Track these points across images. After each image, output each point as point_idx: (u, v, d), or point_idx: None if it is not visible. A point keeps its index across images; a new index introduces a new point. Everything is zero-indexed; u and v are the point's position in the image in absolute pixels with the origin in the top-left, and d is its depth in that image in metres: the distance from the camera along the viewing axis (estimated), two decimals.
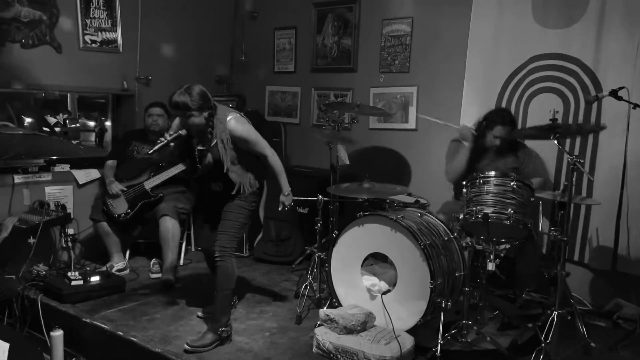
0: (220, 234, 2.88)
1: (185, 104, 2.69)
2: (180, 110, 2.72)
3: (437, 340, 2.67)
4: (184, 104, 2.69)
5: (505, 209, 2.71)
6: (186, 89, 2.71)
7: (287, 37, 4.96)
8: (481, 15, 3.82)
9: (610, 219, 3.24)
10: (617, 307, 3.26)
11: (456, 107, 3.99)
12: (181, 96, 2.68)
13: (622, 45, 3.27)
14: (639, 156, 3.18)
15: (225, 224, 2.89)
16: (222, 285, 2.85)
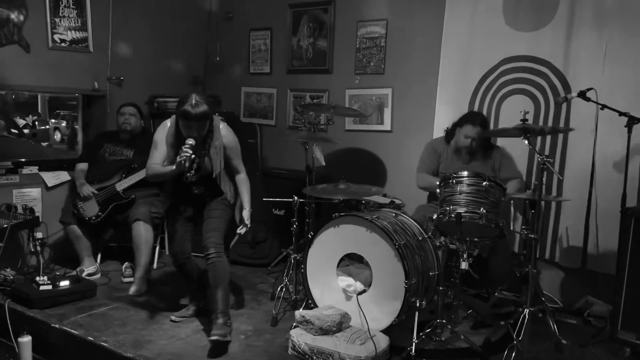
0: (211, 231, 2.92)
1: (208, 114, 2.77)
2: (203, 121, 2.76)
3: (412, 340, 2.68)
4: (207, 115, 2.77)
5: (477, 209, 2.75)
6: (199, 98, 2.73)
7: (262, 38, 4.94)
8: (454, 18, 3.87)
9: (579, 218, 3.31)
10: (587, 305, 3.32)
11: (430, 108, 4.03)
12: (202, 107, 2.72)
13: (590, 48, 3.35)
14: (607, 156, 3.25)
15: (214, 222, 2.94)
16: (223, 281, 2.90)
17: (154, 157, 2.92)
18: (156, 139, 2.94)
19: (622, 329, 2.78)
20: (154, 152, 2.93)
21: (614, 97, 3.13)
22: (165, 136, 2.91)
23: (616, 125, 3.03)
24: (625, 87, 3.22)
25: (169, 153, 2.89)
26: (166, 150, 2.90)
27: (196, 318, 3.16)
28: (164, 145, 2.90)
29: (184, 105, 2.72)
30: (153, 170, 2.92)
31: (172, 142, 2.89)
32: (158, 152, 2.92)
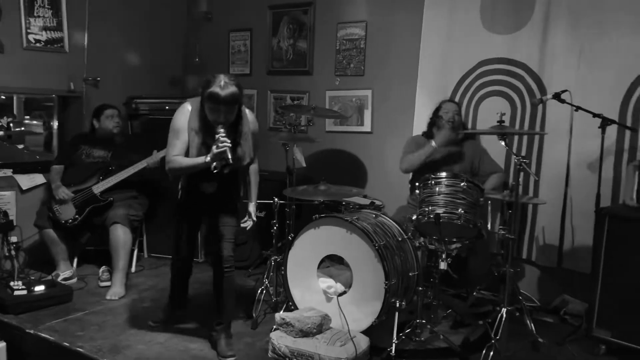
0: (227, 242, 2.72)
1: (239, 97, 2.46)
2: (233, 105, 2.46)
3: (392, 340, 2.69)
4: (238, 98, 2.46)
5: (456, 209, 2.77)
6: (228, 79, 2.43)
7: (242, 39, 4.92)
8: (432, 20, 3.90)
9: (555, 217, 3.36)
10: (563, 303, 3.38)
11: (410, 110, 4.06)
12: (233, 88, 2.41)
13: (565, 50, 3.41)
14: (581, 157, 3.31)
15: (229, 230, 2.74)
16: (234, 295, 2.82)
17: (177, 147, 2.55)
18: (177, 126, 2.56)
19: (598, 327, 2.83)
20: (176, 142, 2.55)
21: (588, 98, 3.19)
22: (187, 122, 2.55)
23: (590, 127, 3.09)
24: (599, 88, 3.28)
25: (193, 141, 2.55)
26: (188, 139, 2.55)
27: (175, 322, 3.12)
28: (186, 133, 2.55)
29: (211, 87, 2.40)
30: (178, 163, 2.55)
31: (199, 128, 2.54)
32: (180, 141, 2.55)
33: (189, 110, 2.57)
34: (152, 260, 4.35)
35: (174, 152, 2.56)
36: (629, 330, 2.70)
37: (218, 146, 2.38)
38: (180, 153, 2.55)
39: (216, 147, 2.39)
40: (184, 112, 2.57)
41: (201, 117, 2.52)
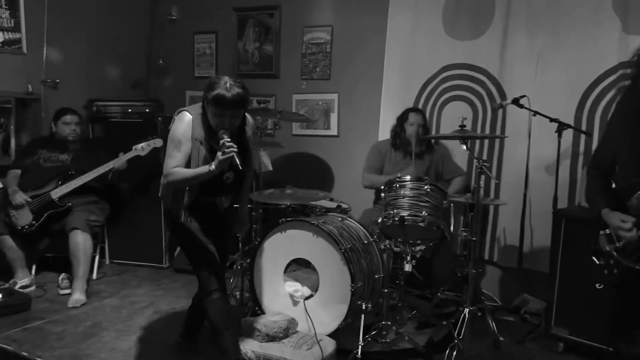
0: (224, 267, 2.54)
1: (246, 100, 2.27)
2: (240, 108, 2.27)
3: (358, 343, 2.71)
4: (245, 100, 2.26)
5: (420, 212, 2.82)
6: (233, 81, 2.23)
7: (207, 41, 4.87)
8: (396, 26, 3.96)
9: (515, 219, 3.45)
10: (523, 302, 3.47)
11: (375, 113, 4.11)
12: (240, 90, 2.21)
13: (523, 57, 3.52)
14: (539, 160, 3.42)
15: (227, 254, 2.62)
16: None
17: (177, 158, 2.30)
18: (178, 136, 2.30)
19: (556, 325, 2.93)
20: (175, 154, 2.30)
21: (546, 103, 3.29)
22: (189, 132, 2.30)
23: (548, 131, 3.19)
24: (556, 93, 3.40)
25: (198, 152, 2.31)
26: (191, 150, 2.31)
27: (137, 330, 3.06)
28: (189, 144, 2.30)
29: (216, 89, 2.19)
30: (180, 175, 2.29)
31: (205, 138, 2.30)
32: (181, 153, 2.30)
33: (190, 119, 2.30)
34: (114, 266, 4.26)
35: (173, 163, 2.30)
36: (585, 327, 2.80)
37: (224, 152, 2.15)
38: (180, 165, 2.30)
39: (222, 153, 2.16)
40: (185, 121, 2.31)
41: (206, 125, 2.30)
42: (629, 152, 1.88)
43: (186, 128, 2.31)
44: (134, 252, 4.27)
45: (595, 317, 2.69)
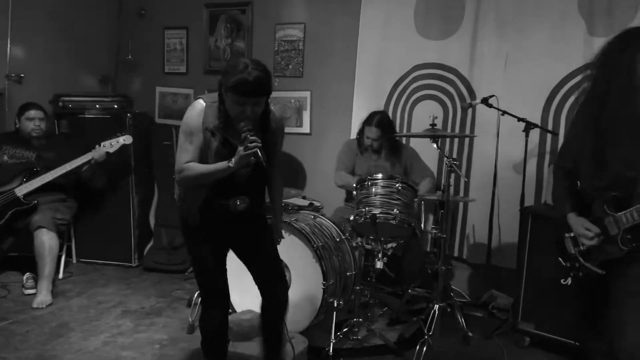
0: (281, 274, 2.30)
1: (270, 84, 1.98)
2: (263, 94, 1.99)
3: (330, 340, 2.72)
4: (269, 85, 1.98)
5: (391, 210, 2.85)
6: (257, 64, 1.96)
7: (177, 37, 4.80)
8: (368, 24, 3.98)
9: (484, 216, 3.51)
10: (491, 298, 3.55)
11: (348, 111, 4.12)
12: (263, 74, 1.94)
13: (492, 58, 3.58)
14: (507, 158, 3.48)
15: (276, 259, 2.27)
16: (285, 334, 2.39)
17: (190, 152, 2.02)
18: (190, 126, 2.03)
19: (522, 320, 2.99)
20: (188, 147, 2.03)
21: (513, 103, 3.36)
22: (199, 119, 2.03)
23: (515, 130, 3.26)
24: (524, 93, 3.46)
25: (210, 144, 2.02)
26: (203, 141, 2.03)
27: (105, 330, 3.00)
28: (201, 135, 2.02)
29: (236, 74, 1.91)
30: (193, 171, 2.01)
31: (217, 127, 2.02)
32: (194, 145, 2.02)
33: (203, 107, 2.05)
34: (81, 265, 4.17)
35: (186, 158, 2.03)
36: (550, 322, 2.87)
37: (247, 146, 1.90)
38: (193, 159, 2.03)
39: (244, 147, 1.91)
40: (197, 110, 2.06)
41: (220, 114, 2.02)
42: (591, 156, 1.89)
43: (197, 117, 2.04)
44: (102, 251, 4.19)
45: (560, 312, 2.77)
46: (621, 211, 1.81)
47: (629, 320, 1.80)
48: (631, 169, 1.79)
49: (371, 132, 3.48)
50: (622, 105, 1.77)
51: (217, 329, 2.26)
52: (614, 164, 1.82)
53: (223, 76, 1.99)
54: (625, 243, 1.82)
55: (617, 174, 1.82)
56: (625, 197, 1.81)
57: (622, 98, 1.76)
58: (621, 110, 1.77)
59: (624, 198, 1.81)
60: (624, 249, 1.82)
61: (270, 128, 2.13)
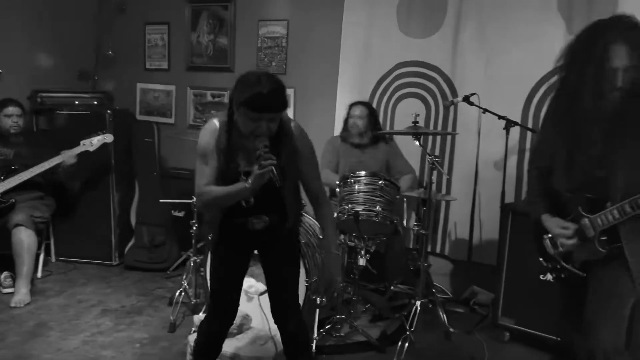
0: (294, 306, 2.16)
1: (286, 98, 1.89)
2: (280, 109, 1.89)
3: (313, 337, 2.72)
4: (285, 98, 1.89)
5: (374, 207, 2.86)
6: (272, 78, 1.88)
7: (159, 32, 4.75)
8: (351, 22, 3.98)
9: (466, 213, 3.55)
10: (472, 294, 3.58)
11: (331, 109, 4.12)
12: (279, 86, 1.86)
13: (474, 56, 3.60)
14: (488, 156, 3.52)
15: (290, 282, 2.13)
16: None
17: (205, 174, 1.96)
18: (203, 148, 1.96)
19: (503, 316, 3.03)
20: (204, 169, 1.96)
21: (494, 101, 3.39)
22: (212, 140, 1.95)
23: (496, 128, 3.30)
24: (504, 91, 3.49)
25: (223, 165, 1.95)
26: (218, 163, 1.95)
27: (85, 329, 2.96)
28: (216, 156, 1.95)
29: (250, 88, 1.82)
30: (211, 195, 1.95)
31: (227, 146, 1.93)
32: (210, 167, 1.95)
33: (217, 127, 1.96)
34: (60, 264, 4.10)
35: (203, 181, 1.96)
36: (529, 317, 2.91)
37: (261, 164, 1.80)
38: (211, 182, 1.96)
39: (258, 166, 1.82)
40: (211, 130, 1.97)
41: (231, 131, 1.93)
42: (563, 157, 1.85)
43: (210, 138, 1.96)
44: (82, 250, 4.12)
45: (540, 308, 2.81)
46: (596, 213, 1.80)
47: (603, 321, 1.81)
48: (601, 169, 1.77)
49: (356, 111, 3.52)
50: (593, 103, 1.72)
51: (213, 337, 2.19)
52: (584, 164, 1.79)
53: (234, 91, 1.89)
54: (603, 245, 1.80)
55: (588, 174, 1.79)
56: (600, 198, 1.79)
57: (592, 95, 1.71)
58: (591, 108, 1.73)
59: (598, 199, 1.79)
60: (601, 250, 1.80)
61: (290, 144, 1.98)
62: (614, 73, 1.67)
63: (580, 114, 1.76)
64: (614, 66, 1.67)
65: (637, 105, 1.69)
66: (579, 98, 1.74)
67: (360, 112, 3.53)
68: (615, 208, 1.74)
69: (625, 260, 1.77)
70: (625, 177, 1.73)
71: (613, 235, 1.79)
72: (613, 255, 1.80)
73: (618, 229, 1.77)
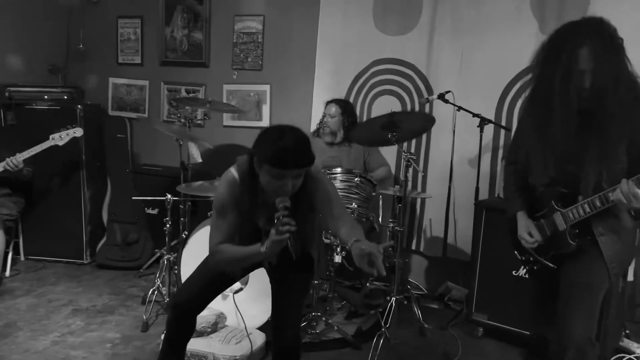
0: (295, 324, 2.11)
1: (312, 154, 1.79)
2: (306, 167, 1.80)
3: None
4: (311, 155, 1.79)
5: (350, 203, 2.86)
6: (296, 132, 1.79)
7: (132, 26, 4.65)
8: (328, 18, 3.97)
9: (441, 210, 3.58)
10: (447, 290, 3.62)
11: (308, 106, 4.11)
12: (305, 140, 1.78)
13: (449, 54, 3.63)
14: (463, 153, 3.55)
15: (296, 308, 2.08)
16: None
17: (222, 231, 1.88)
18: (222, 201, 1.87)
19: (476, 311, 3.07)
20: (221, 224, 1.88)
21: (469, 99, 3.42)
22: (231, 194, 1.87)
23: (471, 125, 3.33)
24: (479, 89, 3.53)
25: (239, 221, 1.88)
26: (235, 218, 1.88)
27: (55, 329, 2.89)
28: (233, 212, 1.87)
29: (273, 143, 1.73)
30: (226, 256, 1.88)
31: (248, 201, 1.85)
32: (227, 222, 1.88)
33: (236, 179, 1.87)
34: (29, 263, 3.99)
35: (218, 238, 1.89)
36: (502, 313, 2.95)
37: (279, 230, 1.71)
38: (226, 239, 1.89)
39: (276, 231, 1.72)
40: (230, 182, 1.88)
41: (252, 186, 1.84)
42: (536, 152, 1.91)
43: (228, 191, 1.87)
44: (52, 248, 4.02)
45: (512, 303, 2.85)
46: (568, 207, 1.86)
47: (574, 313, 1.85)
48: (572, 165, 1.83)
49: (330, 109, 3.51)
50: (565, 101, 1.77)
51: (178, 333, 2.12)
52: (556, 160, 1.85)
53: (255, 147, 1.80)
54: (573, 237, 1.87)
55: (560, 170, 1.86)
56: (572, 193, 1.85)
57: (561, 95, 1.76)
58: (564, 106, 1.78)
59: (570, 194, 1.86)
60: (572, 243, 1.87)
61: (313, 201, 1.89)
62: (581, 75, 1.73)
63: (551, 111, 1.81)
64: (580, 69, 1.72)
65: (603, 105, 1.74)
66: (549, 97, 1.79)
67: (334, 110, 3.51)
68: (586, 202, 1.80)
69: (596, 253, 1.83)
70: (595, 172, 1.78)
71: (584, 229, 1.85)
72: (584, 248, 1.86)
73: (590, 223, 1.83)
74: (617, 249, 1.85)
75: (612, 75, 1.71)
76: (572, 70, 1.73)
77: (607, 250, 1.84)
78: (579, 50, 1.71)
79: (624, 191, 1.67)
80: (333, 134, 3.51)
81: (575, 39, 1.74)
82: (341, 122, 3.50)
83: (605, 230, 1.84)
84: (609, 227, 1.84)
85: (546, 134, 1.85)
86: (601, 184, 1.78)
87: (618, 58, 1.73)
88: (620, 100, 1.72)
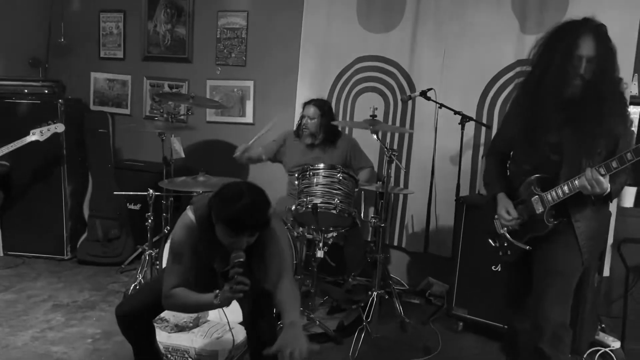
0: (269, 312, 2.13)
1: (269, 219, 1.84)
2: (258, 232, 1.84)
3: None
4: (268, 221, 1.83)
5: (332, 199, 2.87)
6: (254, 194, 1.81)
7: (114, 20, 4.60)
8: (312, 15, 3.98)
9: (423, 206, 3.62)
10: (428, 286, 3.66)
11: (291, 102, 4.11)
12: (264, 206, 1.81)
13: (431, 52, 3.67)
14: (444, 150, 3.59)
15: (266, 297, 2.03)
16: None
17: (177, 275, 1.90)
18: (177, 244, 1.91)
19: (456, 306, 3.11)
20: (175, 268, 1.90)
21: (451, 96, 3.47)
22: (188, 238, 1.89)
23: (452, 123, 3.37)
24: (460, 87, 3.58)
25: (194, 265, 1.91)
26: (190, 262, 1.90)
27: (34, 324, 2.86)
28: (189, 256, 1.90)
29: (232, 205, 1.75)
30: (178, 301, 1.90)
31: (203, 248, 1.90)
32: (183, 266, 1.89)
33: (193, 223, 1.89)
34: (8, 258, 3.94)
35: (172, 282, 1.89)
36: (481, 307, 3.00)
37: (233, 288, 1.75)
38: (181, 283, 1.89)
39: (230, 288, 1.76)
40: (187, 226, 1.89)
41: (209, 233, 1.85)
42: (522, 140, 2.00)
43: (185, 235, 1.89)
44: (32, 243, 3.97)
45: (491, 298, 2.89)
46: (546, 190, 1.93)
47: (550, 297, 1.92)
48: (556, 154, 1.92)
49: (309, 111, 3.48)
50: (554, 93, 1.86)
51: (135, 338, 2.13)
52: (542, 148, 1.94)
53: (213, 201, 1.81)
54: (549, 219, 1.94)
55: (543, 158, 1.94)
56: (551, 177, 1.93)
57: (555, 79, 1.85)
58: (553, 98, 1.87)
59: (549, 179, 1.94)
60: (548, 225, 1.94)
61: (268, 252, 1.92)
62: (579, 60, 1.82)
63: (542, 99, 1.89)
64: (579, 54, 1.81)
65: (593, 95, 1.82)
66: (543, 83, 1.88)
67: (312, 112, 3.47)
68: (565, 184, 1.88)
69: (571, 237, 1.92)
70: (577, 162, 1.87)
71: (561, 211, 1.93)
72: (559, 231, 1.94)
73: (567, 207, 1.91)
74: (591, 234, 1.93)
75: (605, 69, 1.81)
76: (572, 54, 1.81)
77: (581, 234, 1.91)
78: (583, 37, 1.81)
79: (587, 177, 1.78)
80: (313, 135, 3.50)
81: (579, 29, 1.84)
82: (320, 123, 3.49)
83: (581, 217, 1.91)
84: (585, 214, 1.91)
85: (533, 121, 1.93)
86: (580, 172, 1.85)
87: (612, 57, 1.84)
88: (607, 96, 1.82)
